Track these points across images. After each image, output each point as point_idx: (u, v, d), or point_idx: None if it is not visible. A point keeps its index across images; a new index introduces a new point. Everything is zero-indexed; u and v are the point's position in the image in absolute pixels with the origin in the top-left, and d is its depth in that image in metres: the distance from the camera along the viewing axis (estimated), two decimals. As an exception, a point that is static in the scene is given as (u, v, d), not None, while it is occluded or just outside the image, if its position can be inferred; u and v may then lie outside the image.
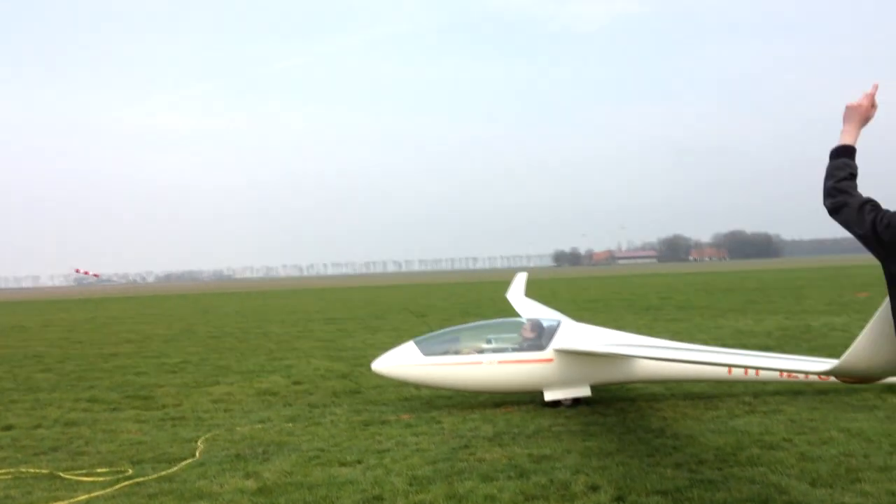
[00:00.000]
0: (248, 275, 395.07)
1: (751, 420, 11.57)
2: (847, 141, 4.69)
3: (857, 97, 4.70)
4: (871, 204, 4.45)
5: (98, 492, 9.07)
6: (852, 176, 4.59)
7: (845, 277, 65.48)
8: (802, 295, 43.19)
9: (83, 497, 8.89)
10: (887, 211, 4.41)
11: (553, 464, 9.50)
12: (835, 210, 4.57)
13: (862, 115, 4.70)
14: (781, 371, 11.50)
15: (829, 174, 4.64)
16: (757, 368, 11.60)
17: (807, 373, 6.80)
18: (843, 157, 4.65)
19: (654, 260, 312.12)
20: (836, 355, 14.15)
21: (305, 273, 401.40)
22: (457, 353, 13.15)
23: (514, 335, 13.61)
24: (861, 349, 5.50)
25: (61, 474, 9.90)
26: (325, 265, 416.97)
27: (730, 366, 11.11)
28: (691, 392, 13.99)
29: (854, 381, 7.85)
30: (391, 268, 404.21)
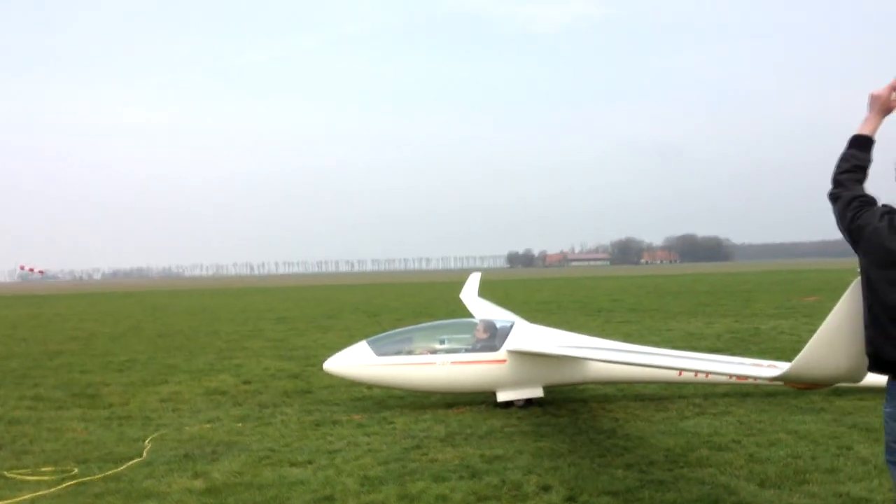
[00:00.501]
0: (197, 273, 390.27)
1: (700, 421, 11.70)
2: (865, 131, 4.59)
3: (881, 85, 4.54)
4: (860, 200, 4.42)
5: (43, 491, 8.87)
6: (857, 168, 4.54)
7: (794, 282, 66.72)
8: (752, 298, 43.89)
9: (28, 496, 8.68)
10: (869, 210, 4.38)
11: (505, 464, 9.51)
12: (831, 200, 4.56)
13: (883, 104, 4.58)
14: (731, 375, 11.58)
15: (837, 164, 4.61)
16: (707, 373, 11.70)
17: (757, 378, 6.85)
18: (853, 149, 4.59)
19: (607, 262, 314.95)
20: (784, 358, 14.43)
21: (256, 272, 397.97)
22: (410, 353, 13.11)
23: (468, 336, 13.60)
24: (812, 354, 5.55)
25: (5, 473, 9.65)
26: (276, 264, 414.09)
27: (680, 369, 11.18)
28: (642, 394, 14.11)
29: (804, 387, 7.93)
30: (343, 267, 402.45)
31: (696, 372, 12.51)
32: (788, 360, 13.20)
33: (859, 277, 4.72)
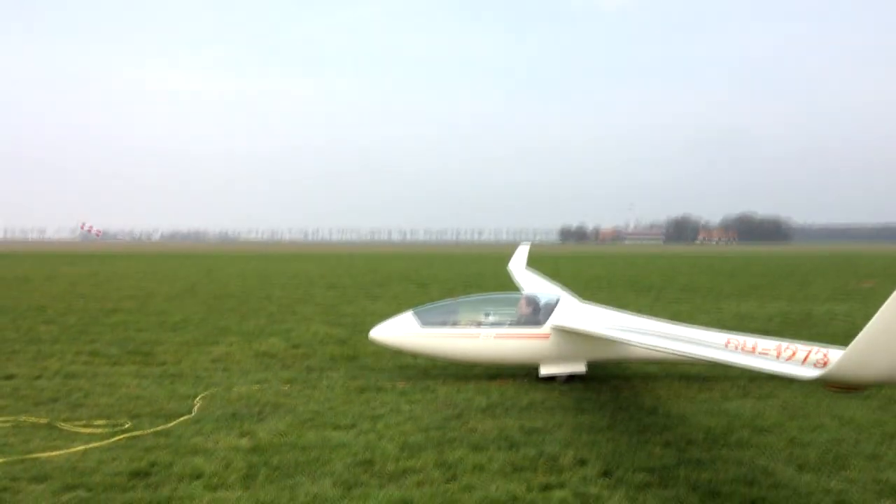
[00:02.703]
0: (252, 237, 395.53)
1: (744, 403, 11.66)
2: None
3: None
4: None
5: (95, 443, 9.22)
6: None
7: (853, 266, 65.36)
8: (807, 281, 43.17)
9: (80, 447, 9.03)
10: None
11: (543, 437, 9.61)
12: None
13: None
14: (767, 371, 11.28)
15: None
16: (744, 366, 11.29)
17: (794, 378, 6.79)
18: None
19: (662, 240, 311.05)
20: (836, 342, 14.19)
21: (310, 238, 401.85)
22: (454, 324, 13.22)
23: (513, 310, 13.66)
24: (856, 355, 5.44)
25: (60, 425, 10.05)
26: (330, 231, 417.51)
27: (716, 361, 10.79)
28: (687, 373, 14.07)
29: (843, 389, 7.81)
30: (396, 237, 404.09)
31: (742, 347, 12.42)
32: (841, 345, 12.96)
33: None
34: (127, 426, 10.01)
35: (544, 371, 13.13)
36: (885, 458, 8.80)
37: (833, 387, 6.40)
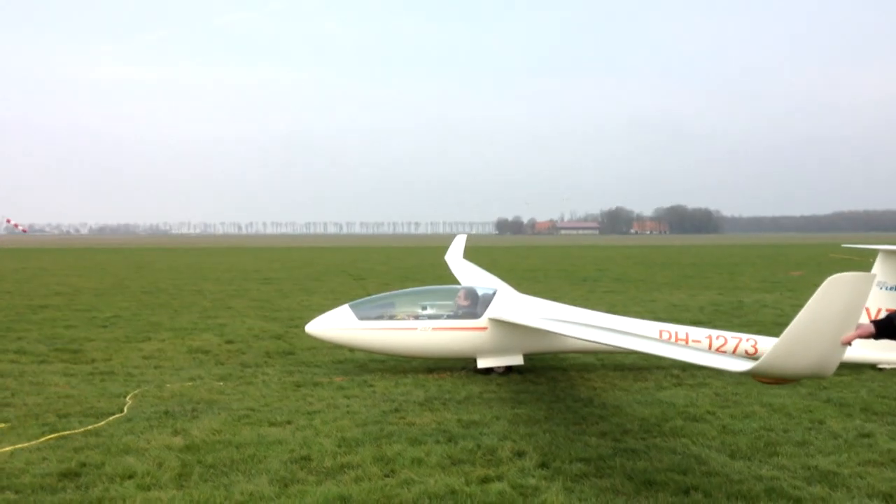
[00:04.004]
0: (185, 231, 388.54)
1: (677, 392, 11.85)
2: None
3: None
4: None
5: (23, 444, 8.93)
6: None
7: (781, 256, 67.04)
8: (737, 272, 44.13)
9: (8, 448, 8.75)
10: None
11: (481, 429, 9.62)
12: None
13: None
14: (700, 364, 11.39)
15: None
16: (676, 360, 11.35)
17: (726, 372, 6.98)
18: None
19: (596, 231, 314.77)
20: (765, 332, 14.48)
21: (244, 231, 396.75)
22: (391, 318, 13.17)
23: (450, 302, 13.67)
24: (783, 350, 5.57)
25: (-17, 426, 9.70)
26: (264, 224, 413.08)
27: (649, 354, 10.89)
28: (622, 363, 14.25)
29: (772, 382, 8.00)
30: (332, 229, 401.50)
31: (674, 337, 12.65)
32: (769, 334, 13.25)
33: (833, 276, 5.21)
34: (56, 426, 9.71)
35: (482, 363, 13.17)
36: (813, 445, 9.03)
37: (762, 379, 6.54)
